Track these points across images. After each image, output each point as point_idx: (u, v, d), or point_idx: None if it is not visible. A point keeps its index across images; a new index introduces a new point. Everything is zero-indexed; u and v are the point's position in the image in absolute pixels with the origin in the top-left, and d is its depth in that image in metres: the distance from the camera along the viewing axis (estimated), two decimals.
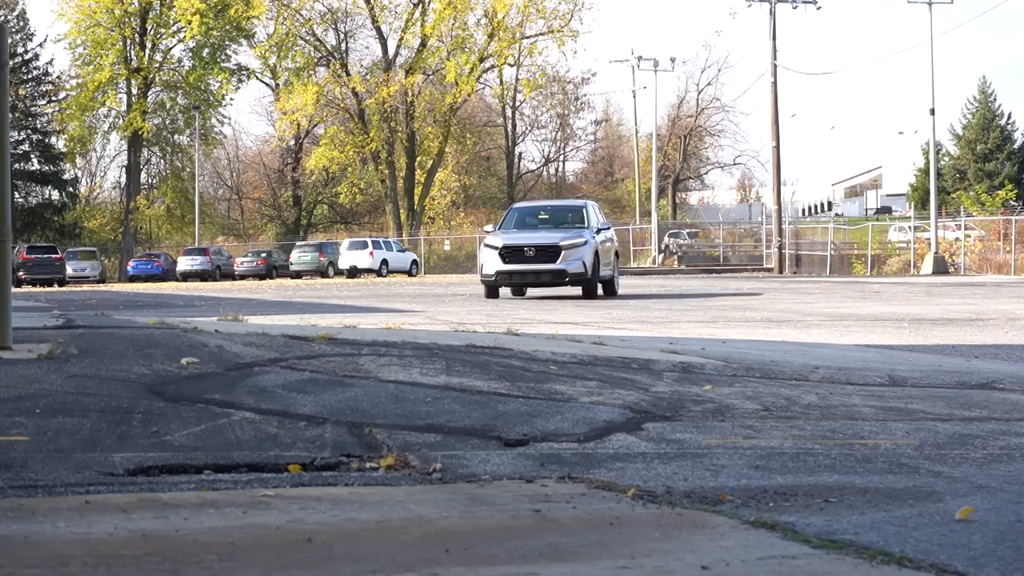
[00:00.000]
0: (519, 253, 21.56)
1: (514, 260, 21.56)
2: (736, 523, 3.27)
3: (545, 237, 21.96)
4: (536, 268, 21.51)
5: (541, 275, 21.57)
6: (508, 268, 21.61)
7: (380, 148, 64.24)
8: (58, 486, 3.69)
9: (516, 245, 21.65)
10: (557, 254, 21.44)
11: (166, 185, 72.04)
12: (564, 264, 21.39)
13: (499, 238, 22.12)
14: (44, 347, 6.59)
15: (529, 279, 21.90)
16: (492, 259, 21.76)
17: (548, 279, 21.64)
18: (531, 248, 21.54)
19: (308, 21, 64.82)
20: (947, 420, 5.36)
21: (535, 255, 21.50)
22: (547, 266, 21.43)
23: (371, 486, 3.82)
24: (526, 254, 21.53)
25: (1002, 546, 3.02)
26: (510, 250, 21.61)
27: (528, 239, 21.88)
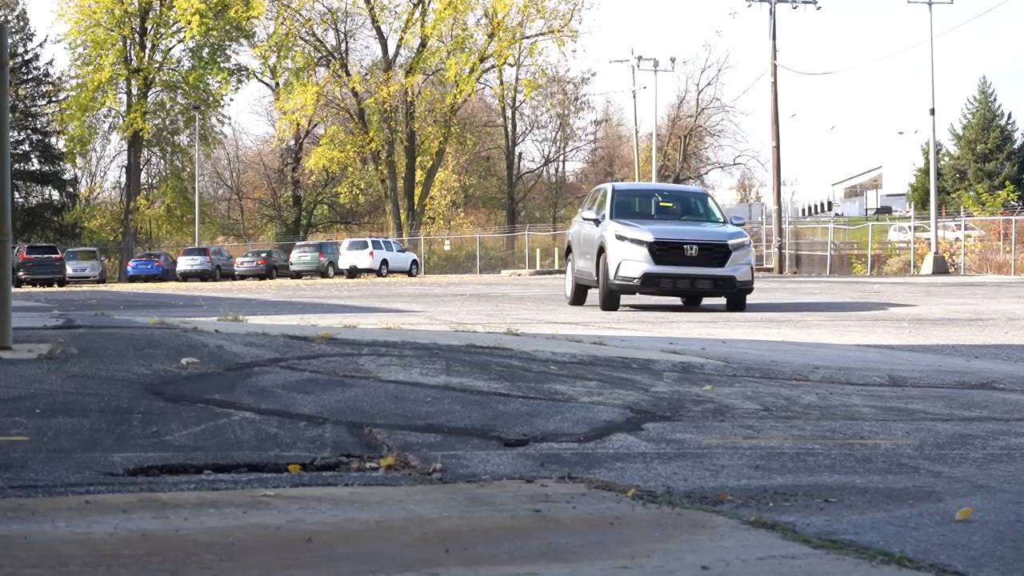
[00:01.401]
0: (677, 252, 16.67)
1: (670, 260, 16.62)
2: (736, 523, 3.27)
3: (704, 233, 17.32)
4: (699, 273, 16.67)
5: (702, 282, 16.79)
6: (662, 271, 16.53)
7: (380, 148, 64.24)
8: (58, 486, 3.69)
9: (673, 241, 16.77)
10: (726, 256, 16.78)
11: (166, 185, 72.04)
12: (733, 269, 16.76)
13: (641, 230, 17.01)
14: (44, 347, 6.58)
15: (685, 286, 17.01)
16: (635, 256, 16.64)
17: (710, 287, 16.94)
18: (694, 246, 16.70)
19: (308, 21, 64.81)
20: (947, 420, 5.36)
21: (698, 256, 16.68)
22: (713, 271, 16.65)
23: (371, 486, 3.82)
24: (687, 254, 16.65)
25: (1002, 546, 3.02)
26: (664, 247, 16.67)
27: (687, 234, 17.10)
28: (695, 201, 19.14)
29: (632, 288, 16.83)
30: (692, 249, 16.69)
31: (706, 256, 16.71)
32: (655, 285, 16.79)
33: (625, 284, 16.75)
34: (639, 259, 16.64)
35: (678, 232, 17.18)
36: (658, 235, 16.87)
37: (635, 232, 16.94)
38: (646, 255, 16.63)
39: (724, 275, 16.68)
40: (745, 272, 16.90)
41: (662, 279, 16.66)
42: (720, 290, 16.93)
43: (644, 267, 16.58)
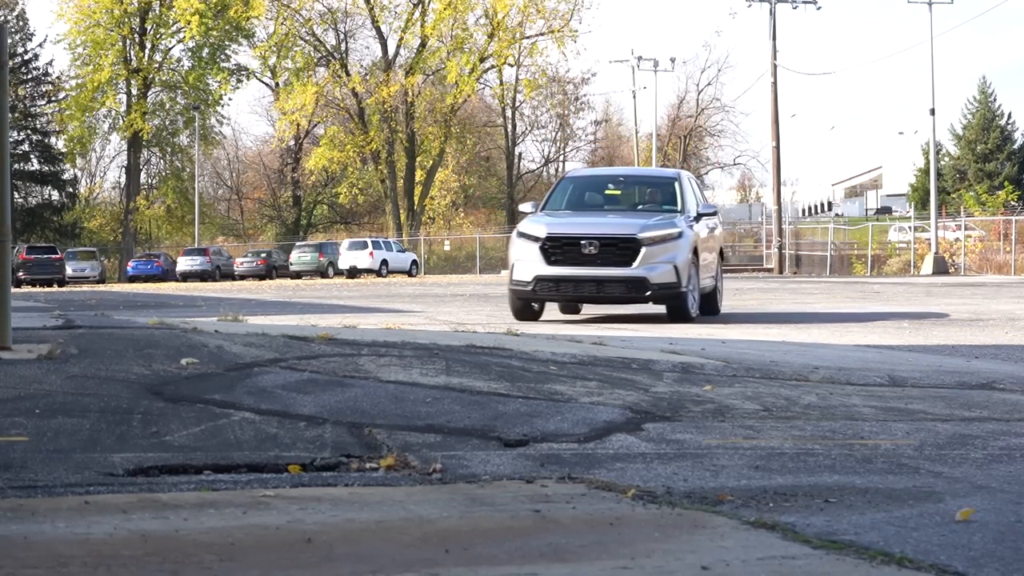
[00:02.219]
0: (573, 249, 13.95)
1: (565, 260, 13.96)
2: (736, 523, 3.27)
3: (615, 224, 14.43)
4: (599, 274, 13.88)
5: (607, 285, 13.90)
6: (554, 273, 13.94)
7: (380, 148, 64.24)
8: (58, 486, 3.69)
9: (569, 236, 14.07)
10: (634, 252, 13.83)
11: (166, 185, 72.07)
12: (645, 269, 13.80)
13: (541, 224, 14.40)
14: (44, 347, 6.58)
15: (588, 291, 14.07)
16: (529, 257, 14.09)
17: (618, 292, 14.02)
18: (592, 241, 13.88)
19: (308, 21, 64.82)
20: (947, 420, 5.36)
21: (598, 253, 13.86)
22: (617, 271, 13.84)
23: (371, 486, 3.81)
24: (584, 251, 13.86)
25: (1002, 546, 3.01)
26: (559, 243, 14.00)
27: (588, 227, 14.32)
28: (655, 189, 15.68)
29: (528, 295, 14.16)
30: (591, 246, 13.81)
31: (609, 254, 13.84)
32: (553, 291, 14.02)
33: (520, 288, 14.16)
34: (531, 259, 14.01)
35: (580, 225, 14.40)
36: (553, 229, 14.14)
37: (532, 225, 14.36)
38: (538, 254, 13.95)
39: (632, 276, 13.76)
40: (664, 273, 13.77)
41: (560, 283, 13.90)
42: (632, 295, 14.04)
43: (536, 269, 13.92)
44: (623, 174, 17.69)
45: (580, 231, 14.12)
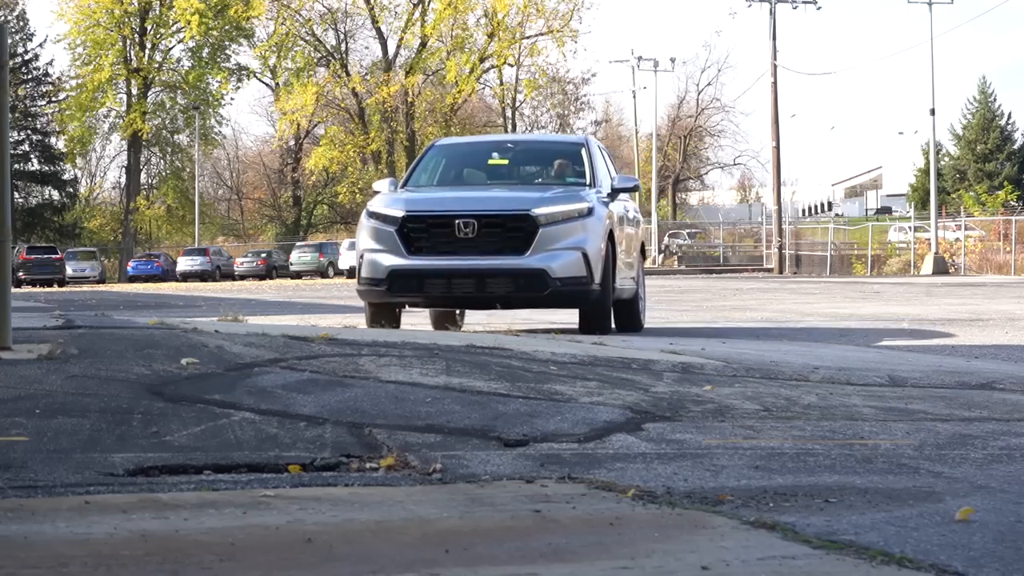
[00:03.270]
0: (443, 232, 10.38)
1: (432, 248, 10.44)
2: (736, 523, 3.27)
3: (501, 199, 10.97)
4: (480, 266, 10.30)
5: (491, 281, 10.35)
6: (418, 265, 10.38)
7: (380, 148, 64.25)
8: (58, 486, 3.69)
9: (437, 214, 10.53)
10: (528, 235, 10.27)
11: (166, 185, 72.09)
12: (543, 258, 10.25)
13: (399, 201, 10.77)
14: (44, 347, 6.58)
15: (464, 289, 10.43)
16: (382, 246, 10.52)
17: (507, 290, 10.40)
18: (469, 220, 10.27)
19: (308, 21, 64.84)
20: (947, 420, 5.36)
21: (478, 237, 10.28)
22: (505, 262, 10.29)
23: (371, 486, 3.81)
24: (459, 234, 10.28)
25: (1002, 546, 3.01)
26: (423, 225, 10.48)
27: (464, 202, 10.74)
28: (556, 158, 11.92)
29: (382, 296, 10.48)
30: (467, 227, 10.11)
31: (493, 237, 10.21)
32: (416, 290, 10.37)
33: (372, 290, 10.51)
34: (386, 248, 10.35)
35: (453, 200, 10.78)
36: (414, 207, 10.50)
37: (389, 206, 10.56)
38: (395, 241, 10.30)
39: (525, 268, 10.12)
40: (569, 263, 10.16)
41: (426, 279, 10.30)
42: (526, 294, 10.36)
43: (391, 260, 10.29)
44: (512, 140, 14.24)
45: (452, 208, 10.34)
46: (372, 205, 10.84)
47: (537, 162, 12.43)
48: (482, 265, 10.27)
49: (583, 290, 10.35)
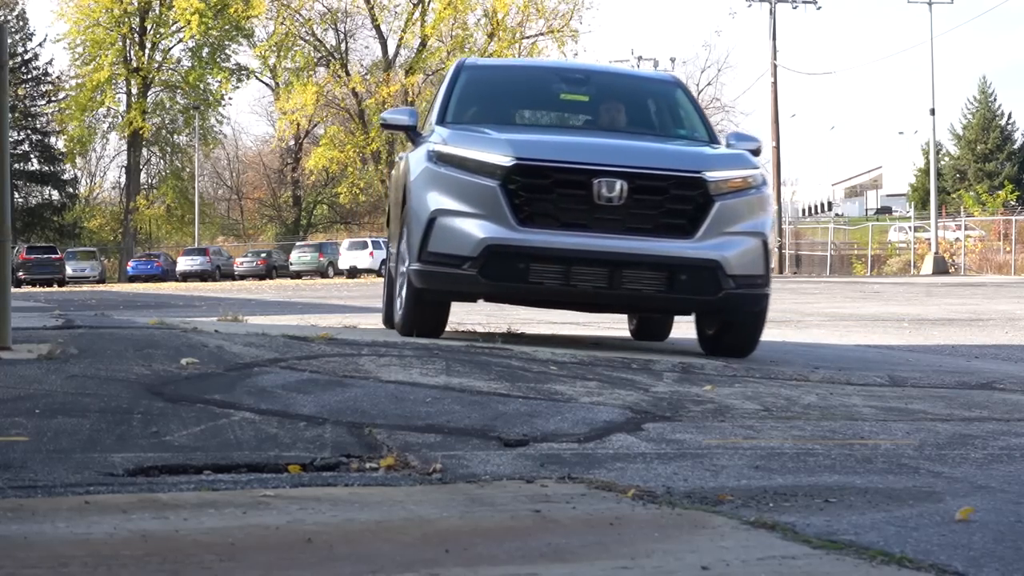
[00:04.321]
0: (575, 192, 7.12)
1: (550, 218, 7.14)
2: (736, 523, 3.27)
3: (655, 150, 7.68)
4: (622, 249, 7.09)
5: (629, 274, 7.15)
6: (530, 240, 7.08)
7: (380, 148, 64.26)
8: (58, 486, 3.69)
9: (566, 165, 7.17)
10: (699, 210, 7.23)
11: (166, 185, 72.11)
12: (715, 247, 7.23)
13: (501, 142, 7.34)
14: (44, 347, 6.58)
15: (592, 284, 7.14)
16: (472, 206, 7.17)
17: (652, 289, 7.27)
18: (613, 177, 7.08)
19: (308, 21, 64.84)
20: (947, 420, 5.36)
21: (624, 203, 7.08)
22: (660, 245, 7.16)
23: (371, 486, 3.81)
24: (598, 198, 7.07)
25: (1002, 546, 3.01)
26: (544, 180, 7.13)
27: (600, 150, 7.48)
28: (649, 99, 8.90)
29: (467, 282, 7.19)
30: (613, 188, 7.04)
31: (649, 208, 7.14)
32: (518, 278, 7.13)
33: (447, 272, 7.20)
34: (479, 209, 7.12)
35: (582, 147, 7.56)
36: (529, 151, 7.19)
37: (474, 146, 7.32)
38: (496, 200, 7.06)
39: (694, 259, 7.19)
40: (750, 255, 7.30)
41: (534, 263, 7.09)
42: (683, 298, 7.35)
43: (490, 230, 7.08)
44: (577, 69, 9.62)
45: (588, 159, 7.09)
46: (449, 144, 7.13)
47: (625, 103, 8.76)
48: (626, 249, 6.83)
49: (757, 295, 7.23)
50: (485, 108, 8.60)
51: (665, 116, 8.78)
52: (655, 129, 8.64)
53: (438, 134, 7.67)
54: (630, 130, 8.57)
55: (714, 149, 7.91)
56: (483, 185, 7.12)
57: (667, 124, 8.72)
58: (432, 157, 7.35)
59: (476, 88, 8.71)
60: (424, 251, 7.25)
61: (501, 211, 7.06)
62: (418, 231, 7.27)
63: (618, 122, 8.69)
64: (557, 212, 7.10)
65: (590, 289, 7.14)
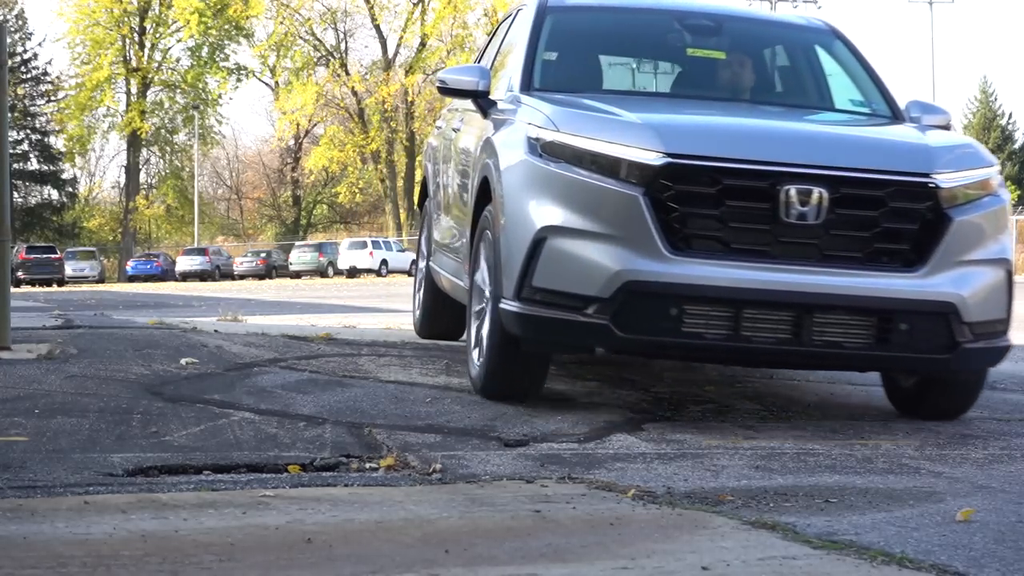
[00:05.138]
0: (755, 205, 4.76)
1: (714, 241, 4.77)
2: (736, 523, 3.27)
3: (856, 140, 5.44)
4: (816, 286, 4.75)
5: (824, 323, 4.78)
6: (688, 275, 4.73)
7: (380, 148, 64.30)
8: (57, 486, 3.69)
9: (742, 166, 4.79)
10: (930, 231, 4.89)
11: (165, 185, 72.11)
12: (950, 282, 4.90)
13: (643, 127, 4.94)
14: (43, 347, 6.58)
15: (768, 336, 4.77)
16: (601, 225, 4.80)
17: (858, 342, 4.83)
18: (808, 183, 4.74)
19: (308, 20, 64.87)
20: (947, 420, 5.36)
21: (821, 221, 4.75)
22: (871, 282, 4.80)
23: (371, 486, 3.81)
24: (785, 214, 4.73)
25: (1003, 546, 3.01)
26: (711, 188, 4.76)
27: (778, 138, 5.15)
28: (802, 53, 6.64)
29: (579, 331, 4.87)
30: (807, 199, 4.78)
31: (859, 226, 4.88)
32: (667, 330, 4.81)
33: (556, 319, 4.90)
34: (613, 229, 4.82)
35: (761, 134, 5.26)
36: (683, 143, 4.90)
37: (601, 132, 5.00)
38: (640, 215, 4.77)
39: (922, 301, 4.93)
40: (992, 294, 5.08)
41: (693, 307, 4.80)
42: (903, 356, 4.98)
43: (630, 260, 4.77)
44: (710, 15, 6.79)
45: (775, 153, 4.93)
46: (561, 129, 5.01)
47: (773, 63, 6.70)
48: (823, 286, 4.78)
49: (998, 349, 5.18)
50: (584, 68, 6.40)
51: (828, 80, 6.50)
52: (821, 100, 6.40)
53: (534, 109, 5.29)
54: (788, 102, 6.30)
55: (925, 134, 5.57)
56: (618, 193, 4.76)
57: (832, 92, 6.44)
58: (535, 147, 5.02)
59: (569, 40, 6.44)
60: (526, 285, 4.89)
61: (645, 232, 4.70)
62: (517, 255, 4.91)
63: (770, 91, 6.42)
64: (725, 234, 4.74)
65: (769, 344, 4.78)
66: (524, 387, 5.31)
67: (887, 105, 6.16)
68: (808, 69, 6.55)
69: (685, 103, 6.11)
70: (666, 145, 4.82)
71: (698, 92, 6.31)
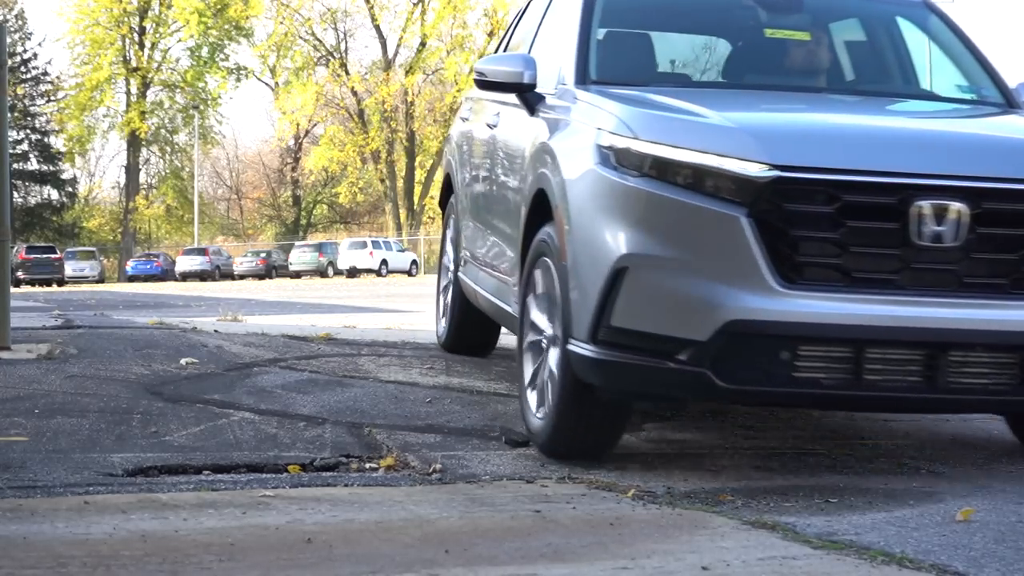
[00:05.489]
0: (882, 226, 3.94)
1: (832, 271, 3.92)
2: (736, 523, 3.27)
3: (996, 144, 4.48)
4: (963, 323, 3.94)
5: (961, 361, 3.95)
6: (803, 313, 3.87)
7: (380, 148, 64.31)
8: (57, 486, 3.69)
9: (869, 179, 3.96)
10: None
11: (165, 185, 72.12)
12: None
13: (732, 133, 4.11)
14: (43, 347, 6.58)
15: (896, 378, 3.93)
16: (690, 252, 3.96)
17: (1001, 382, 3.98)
18: (945, 196, 3.94)
19: (307, 20, 64.90)
20: (947, 421, 5.36)
21: (961, 243, 3.95)
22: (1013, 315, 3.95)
23: (371, 486, 3.81)
24: (918, 236, 3.93)
25: (1003, 546, 3.01)
26: (830, 206, 3.93)
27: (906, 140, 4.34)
28: (895, 33, 5.67)
29: (671, 379, 3.98)
30: (949, 214, 3.97)
31: (1005, 248, 4.03)
32: (778, 376, 3.91)
33: (643, 366, 4.01)
34: (705, 259, 3.97)
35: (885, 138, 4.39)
36: (793, 151, 4.04)
37: (689, 139, 4.10)
38: (744, 243, 3.91)
39: None
40: None
41: (808, 348, 3.93)
42: None
43: (729, 294, 3.90)
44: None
45: (904, 162, 4.10)
46: (640, 135, 4.17)
47: (864, 44, 5.78)
48: (961, 321, 4.04)
49: None
50: (645, 55, 5.44)
51: (929, 64, 5.66)
52: (927, 89, 5.62)
53: (600, 110, 4.45)
54: (890, 92, 5.44)
55: None
56: (715, 214, 3.94)
57: (908, 73, 5.60)
58: (608, 157, 4.18)
59: (626, 21, 5.49)
60: (604, 325, 4.05)
61: (748, 260, 3.89)
62: (591, 289, 4.08)
63: (867, 79, 5.57)
64: (846, 260, 3.94)
65: (897, 389, 3.97)
66: (601, 443, 4.32)
67: (998, 90, 5.38)
68: (905, 51, 5.59)
69: (777, 98, 5.02)
70: (772, 155, 3.95)
71: (784, 82, 5.25)
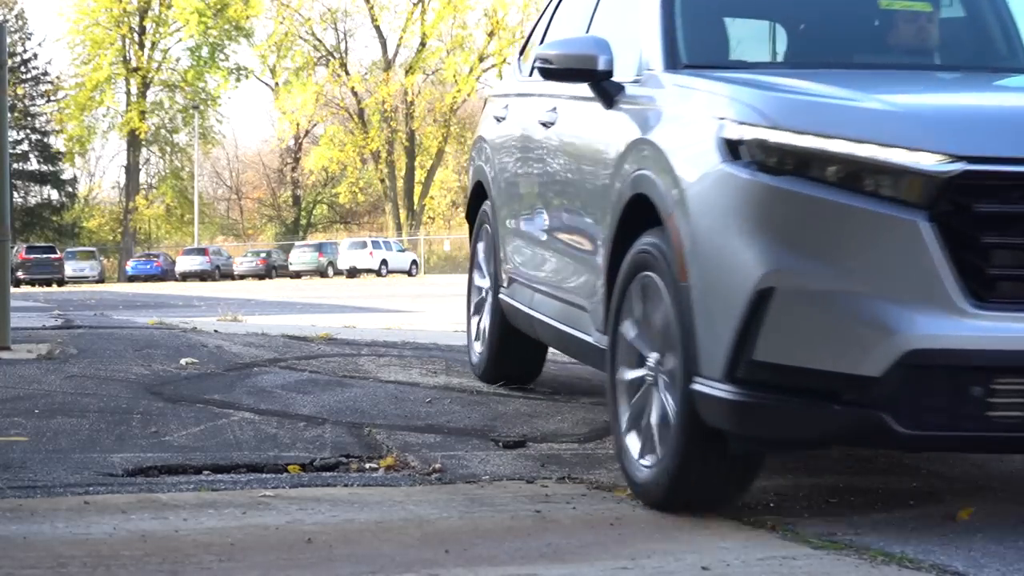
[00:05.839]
0: None
1: None
2: (736, 523, 3.27)
3: None
4: None
5: None
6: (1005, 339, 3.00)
7: (380, 148, 64.32)
8: (57, 487, 3.69)
9: None
10: None
11: (165, 185, 72.13)
12: None
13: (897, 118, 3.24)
14: (43, 347, 6.59)
15: None
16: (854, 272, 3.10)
17: None
18: None
19: (307, 20, 64.91)
20: None
21: None
22: None
23: (371, 486, 3.81)
24: None
25: (1003, 546, 3.01)
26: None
27: None
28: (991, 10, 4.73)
29: (830, 425, 3.13)
30: None
31: None
32: (967, 418, 3.04)
33: (796, 411, 3.16)
34: (873, 276, 3.11)
35: None
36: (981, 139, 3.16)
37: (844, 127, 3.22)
38: (920, 251, 3.08)
39: None
40: None
41: (1005, 381, 3.04)
42: None
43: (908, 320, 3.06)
44: None
45: None
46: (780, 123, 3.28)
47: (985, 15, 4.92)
48: None
49: None
50: (738, 35, 4.79)
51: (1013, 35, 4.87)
52: None
53: (716, 95, 3.64)
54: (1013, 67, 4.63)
55: None
56: (886, 219, 3.15)
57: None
58: (735, 152, 3.36)
59: None
60: (744, 360, 3.23)
61: (930, 275, 3.11)
62: (724, 315, 3.30)
63: (991, 53, 4.77)
64: None
65: None
66: (725, 496, 3.50)
67: None
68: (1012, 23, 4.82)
69: (922, 78, 4.28)
70: (954, 144, 3.15)
71: (917, 60, 4.55)
